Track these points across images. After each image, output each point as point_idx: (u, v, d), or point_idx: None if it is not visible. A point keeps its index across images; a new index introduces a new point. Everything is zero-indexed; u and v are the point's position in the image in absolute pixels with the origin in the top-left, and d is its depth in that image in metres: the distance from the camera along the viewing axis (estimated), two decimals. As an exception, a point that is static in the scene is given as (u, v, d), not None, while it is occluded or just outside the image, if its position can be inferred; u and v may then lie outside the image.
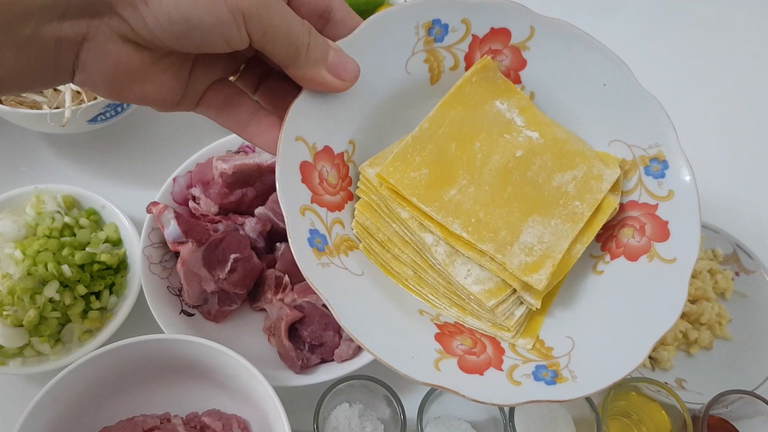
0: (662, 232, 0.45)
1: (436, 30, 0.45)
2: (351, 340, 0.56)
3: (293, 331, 0.56)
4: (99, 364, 0.49)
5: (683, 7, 0.90)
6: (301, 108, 0.41)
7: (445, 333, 0.43)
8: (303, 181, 0.42)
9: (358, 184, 0.45)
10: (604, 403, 0.50)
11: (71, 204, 0.63)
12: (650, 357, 0.60)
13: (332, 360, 0.56)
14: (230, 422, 0.51)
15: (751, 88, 0.83)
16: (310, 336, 0.56)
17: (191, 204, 0.62)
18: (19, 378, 0.58)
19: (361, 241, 0.45)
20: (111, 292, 0.60)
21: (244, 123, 0.41)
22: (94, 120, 0.67)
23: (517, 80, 0.47)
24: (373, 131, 0.46)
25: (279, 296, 0.58)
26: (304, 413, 0.51)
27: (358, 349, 0.56)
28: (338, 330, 0.57)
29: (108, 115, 0.67)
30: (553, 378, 0.41)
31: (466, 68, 0.47)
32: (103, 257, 0.59)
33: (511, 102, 0.47)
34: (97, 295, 0.59)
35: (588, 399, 0.50)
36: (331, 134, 0.43)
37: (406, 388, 0.55)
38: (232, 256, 0.57)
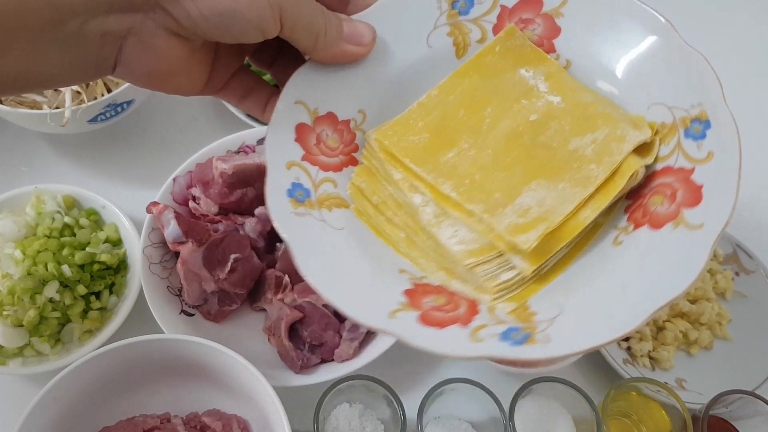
0: (694, 197, 0.41)
1: (461, 3, 0.45)
2: (351, 340, 0.56)
3: (293, 331, 0.56)
4: (99, 364, 0.49)
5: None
6: (304, 75, 0.42)
7: (419, 291, 0.41)
8: (297, 140, 0.42)
9: (363, 150, 0.45)
10: (604, 403, 0.50)
11: (71, 204, 0.63)
12: (650, 357, 0.60)
13: (332, 360, 0.56)
14: (230, 422, 0.51)
15: (751, 88, 0.83)
16: (310, 336, 0.56)
17: (191, 204, 0.62)
18: (19, 378, 0.58)
19: (354, 203, 0.44)
20: (111, 292, 0.60)
21: (263, 106, 0.44)
22: (94, 120, 0.67)
23: (551, 49, 0.45)
24: (392, 103, 0.45)
25: (279, 296, 0.58)
26: (304, 413, 0.51)
27: (359, 349, 0.56)
28: (338, 330, 0.57)
29: (108, 115, 0.67)
30: (523, 340, 0.37)
31: None
32: (103, 257, 0.59)
33: (537, 69, 0.45)
34: (97, 295, 0.59)
35: (588, 399, 0.50)
36: (337, 101, 0.44)
37: (406, 388, 0.55)
38: (232, 256, 0.57)
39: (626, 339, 0.61)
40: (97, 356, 0.48)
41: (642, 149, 0.42)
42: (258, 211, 0.61)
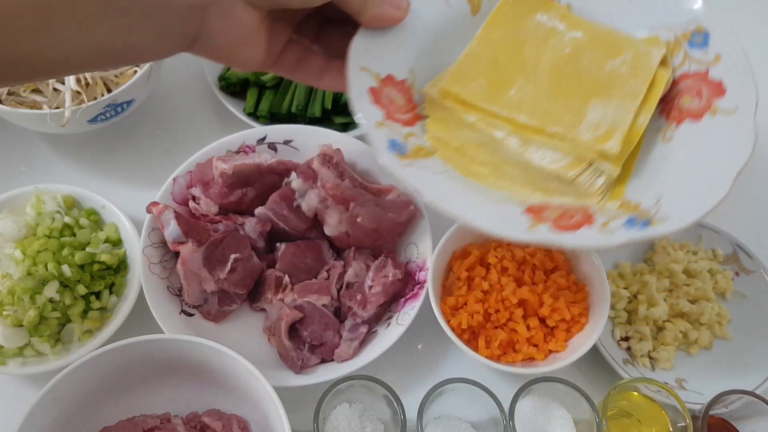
0: (718, 89, 0.50)
1: None
2: (351, 340, 0.56)
3: (293, 331, 0.56)
4: (99, 364, 0.49)
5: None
6: (360, 43, 0.47)
7: (534, 210, 0.47)
8: (374, 102, 0.47)
9: (423, 105, 0.51)
10: (604, 403, 0.50)
11: (71, 204, 0.63)
12: (650, 357, 0.60)
13: (332, 360, 0.56)
14: (230, 422, 0.51)
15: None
16: (310, 336, 0.56)
17: (191, 204, 0.62)
18: (19, 378, 0.58)
19: (439, 150, 0.50)
20: (111, 292, 0.60)
21: (319, 74, 0.48)
22: (94, 120, 0.67)
23: None
24: (429, 61, 0.51)
25: (279, 296, 0.58)
26: (304, 413, 0.51)
27: (358, 349, 0.56)
28: (338, 330, 0.57)
29: (108, 115, 0.67)
30: (646, 224, 0.44)
31: None
32: (103, 257, 0.59)
33: (550, 13, 0.53)
34: (97, 295, 0.59)
35: (588, 399, 0.50)
36: (391, 64, 0.49)
37: (406, 388, 0.55)
38: (232, 256, 0.57)
39: (626, 339, 0.61)
40: (97, 356, 0.48)
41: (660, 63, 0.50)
42: (258, 211, 0.61)
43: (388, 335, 0.56)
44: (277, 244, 0.61)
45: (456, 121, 0.50)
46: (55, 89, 0.66)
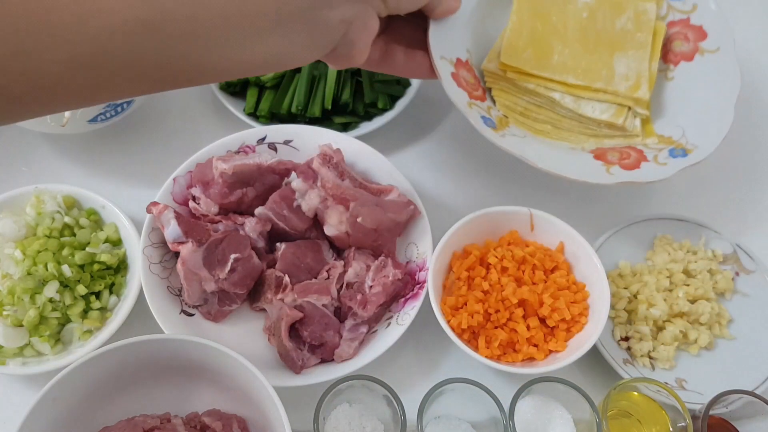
0: (700, 33, 0.64)
1: None
2: (351, 340, 0.56)
3: (293, 331, 0.56)
4: (99, 364, 0.49)
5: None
6: (433, 34, 0.55)
7: (598, 154, 0.60)
8: (458, 86, 0.56)
9: (485, 79, 0.63)
10: (604, 403, 0.50)
11: (71, 204, 0.63)
12: (650, 357, 0.60)
13: (332, 360, 0.56)
14: (230, 422, 0.51)
15: (751, 87, 0.83)
16: (310, 336, 0.56)
17: (191, 204, 0.62)
18: (19, 378, 0.58)
19: (509, 116, 0.62)
20: (111, 292, 0.60)
21: (402, 64, 0.55)
22: (94, 120, 0.67)
23: None
24: (476, 38, 0.62)
25: (279, 296, 0.58)
26: (304, 413, 0.51)
27: (358, 349, 0.56)
28: (338, 330, 0.57)
29: (108, 115, 0.67)
30: (683, 152, 0.58)
31: None
32: (103, 257, 0.59)
33: None
34: (97, 295, 0.59)
35: (588, 399, 0.50)
36: (457, 48, 0.58)
37: (406, 388, 0.55)
38: (232, 256, 0.57)
39: (626, 339, 0.61)
40: (97, 356, 0.48)
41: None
42: (258, 211, 0.61)
43: (388, 335, 0.56)
44: (277, 244, 0.61)
45: (517, 88, 0.62)
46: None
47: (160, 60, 0.36)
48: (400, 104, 0.72)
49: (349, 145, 0.64)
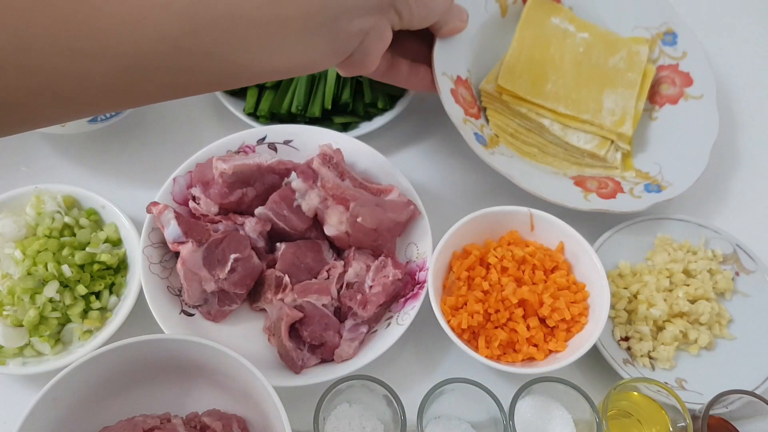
0: (687, 79, 0.68)
1: None
2: (351, 340, 0.56)
3: (293, 331, 0.56)
4: (99, 364, 0.49)
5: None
6: (438, 51, 0.58)
7: (578, 181, 0.63)
8: (456, 102, 0.59)
9: (482, 98, 0.66)
10: (604, 403, 0.50)
11: (71, 204, 0.63)
12: (650, 357, 0.60)
13: (332, 360, 0.56)
14: (230, 422, 0.51)
15: (751, 87, 0.83)
16: (310, 336, 0.56)
17: (191, 204, 0.62)
18: (19, 378, 0.58)
19: (499, 136, 0.64)
20: (111, 292, 0.60)
21: (406, 77, 0.58)
22: (94, 120, 0.67)
23: (558, 0, 0.71)
24: (477, 59, 0.65)
25: (279, 296, 0.58)
26: (304, 413, 0.51)
27: (358, 349, 0.56)
28: (338, 330, 0.57)
29: (108, 114, 0.67)
30: (658, 188, 0.62)
31: (523, 1, 0.70)
32: (103, 257, 0.59)
33: (561, 16, 0.69)
34: (97, 295, 0.59)
35: (588, 399, 0.50)
36: (457, 66, 0.61)
37: (406, 388, 0.55)
38: (232, 256, 0.57)
39: (626, 339, 0.61)
40: (97, 356, 0.48)
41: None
42: (258, 211, 0.61)
43: (388, 335, 0.56)
44: (277, 244, 0.61)
45: (510, 111, 0.64)
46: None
47: (202, 65, 0.37)
48: (400, 104, 0.72)
49: (349, 145, 0.64)
